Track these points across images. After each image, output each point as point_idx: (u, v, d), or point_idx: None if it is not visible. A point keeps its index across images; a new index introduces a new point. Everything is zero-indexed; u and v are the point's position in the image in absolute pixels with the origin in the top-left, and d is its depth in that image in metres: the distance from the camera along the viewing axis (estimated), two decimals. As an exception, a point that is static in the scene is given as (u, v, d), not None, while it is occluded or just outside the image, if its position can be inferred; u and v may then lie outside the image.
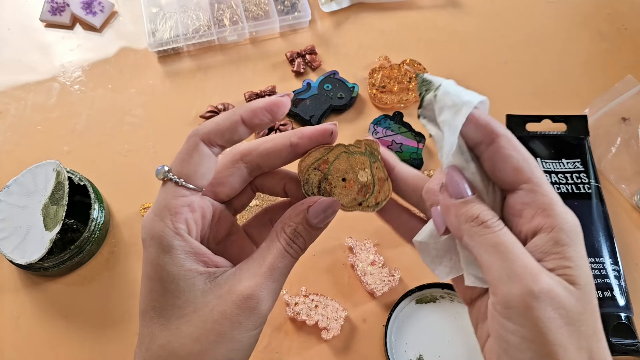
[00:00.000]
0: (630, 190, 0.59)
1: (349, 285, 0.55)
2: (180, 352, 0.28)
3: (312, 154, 0.32)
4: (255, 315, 0.29)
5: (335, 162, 0.32)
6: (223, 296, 0.28)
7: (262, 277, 0.29)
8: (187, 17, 0.71)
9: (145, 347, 0.29)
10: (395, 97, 0.66)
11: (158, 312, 0.29)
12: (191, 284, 0.29)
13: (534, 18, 0.74)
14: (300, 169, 0.32)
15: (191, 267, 0.29)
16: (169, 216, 0.29)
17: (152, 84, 0.69)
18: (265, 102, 0.30)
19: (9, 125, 0.66)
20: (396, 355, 0.50)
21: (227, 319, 0.28)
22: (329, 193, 0.32)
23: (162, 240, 0.28)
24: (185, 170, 0.29)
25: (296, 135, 0.31)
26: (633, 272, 0.54)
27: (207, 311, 0.28)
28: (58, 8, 0.73)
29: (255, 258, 0.30)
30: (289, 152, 0.32)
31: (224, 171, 0.32)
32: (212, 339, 0.28)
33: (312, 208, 0.30)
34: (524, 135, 0.62)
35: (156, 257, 0.28)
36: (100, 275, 0.56)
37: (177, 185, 0.29)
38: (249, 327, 0.29)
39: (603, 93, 0.65)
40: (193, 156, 0.29)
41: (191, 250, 0.29)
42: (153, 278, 0.29)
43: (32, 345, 0.53)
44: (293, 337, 0.52)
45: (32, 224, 0.53)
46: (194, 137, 0.29)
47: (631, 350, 0.48)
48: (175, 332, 0.28)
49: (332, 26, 0.73)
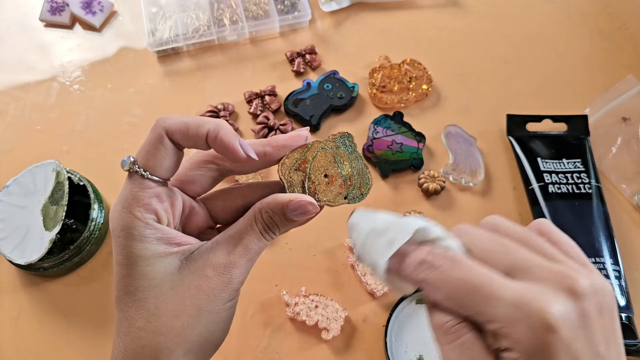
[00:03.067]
0: (630, 190, 0.59)
1: (349, 285, 0.55)
2: (161, 330, 0.29)
3: (291, 155, 0.32)
4: (229, 288, 0.30)
5: (315, 160, 0.33)
6: (198, 270, 0.29)
7: (236, 255, 0.30)
8: (187, 16, 0.71)
9: (124, 332, 0.29)
10: (395, 96, 0.66)
11: (133, 296, 0.29)
12: (167, 263, 0.29)
13: (535, 18, 0.73)
14: (281, 173, 0.32)
15: (165, 250, 0.29)
16: (137, 207, 0.29)
17: (151, 84, 0.69)
18: (229, 138, 0.29)
19: (8, 125, 0.66)
20: (396, 355, 0.50)
21: (204, 292, 0.29)
22: (313, 192, 0.32)
23: (132, 231, 0.29)
24: (150, 163, 0.29)
25: (270, 145, 0.32)
26: (633, 272, 0.54)
27: (184, 287, 0.29)
28: (57, 8, 0.73)
29: (231, 235, 0.31)
30: (264, 161, 0.32)
31: (194, 169, 0.33)
32: (191, 313, 0.29)
33: (291, 204, 0.30)
34: (525, 135, 0.62)
35: (127, 245, 0.29)
36: (99, 275, 0.56)
37: (143, 178, 0.29)
38: (224, 299, 0.30)
39: (604, 93, 0.65)
40: (159, 149, 0.29)
41: (162, 236, 0.30)
42: (126, 264, 0.29)
43: (31, 346, 0.53)
44: (293, 337, 0.52)
45: (31, 224, 0.53)
46: (159, 128, 0.29)
47: (632, 350, 0.48)
48: (154, 312, 0.29)
49: (332, 26, 0.73)
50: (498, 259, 0.26)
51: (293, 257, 0.56)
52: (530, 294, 0.23)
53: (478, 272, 0.25)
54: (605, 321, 0.24)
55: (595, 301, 0.24)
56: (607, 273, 0.52)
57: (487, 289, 0.24)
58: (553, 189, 0.57)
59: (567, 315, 0.23)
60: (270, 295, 0.54)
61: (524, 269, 0.25)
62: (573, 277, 0.24)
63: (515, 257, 0.26)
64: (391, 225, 0.28)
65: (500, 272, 0.25)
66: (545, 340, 0.22)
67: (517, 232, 0.27)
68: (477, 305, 0.24)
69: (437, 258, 0.26)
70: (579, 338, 0.23)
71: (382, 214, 0.30)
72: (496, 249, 0.26)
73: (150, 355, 0.29)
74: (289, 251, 0.57)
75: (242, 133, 0.65)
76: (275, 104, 0.66)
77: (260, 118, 0.64)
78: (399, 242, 0.27)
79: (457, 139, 0.62)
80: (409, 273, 0.27)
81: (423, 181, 0.59)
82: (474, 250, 0.27)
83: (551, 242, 0.27)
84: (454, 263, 0.26)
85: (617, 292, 0.51)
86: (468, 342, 0.25)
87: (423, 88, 0.66)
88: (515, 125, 0.62)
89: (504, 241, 0.27)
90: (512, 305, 0.23)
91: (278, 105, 0.66)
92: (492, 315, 0.24)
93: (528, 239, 0.27)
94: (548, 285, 0.24)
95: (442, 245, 0.27)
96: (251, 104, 0.66)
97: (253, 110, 0.65)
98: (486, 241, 0.27)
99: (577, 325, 0.23)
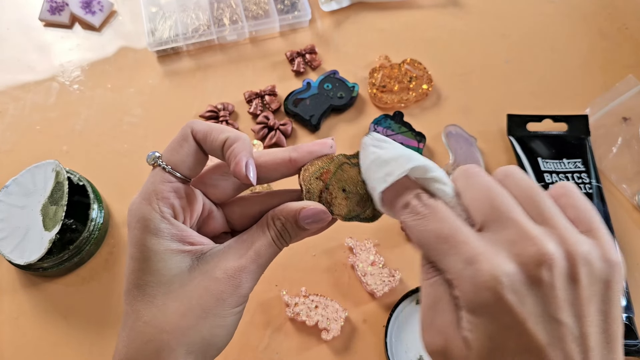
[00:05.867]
0: (631, 190, 0.59)
1: (349, 285, 0.55)
2: (165, 327, 0.29)
3: (315, 163, 0.32)
4: (238, 293, 0.30)
5: (337, 173, 0.33)
6: (208, 272, 0.29)
7: (247, 260, 0.30)
8: (187, 16, 0.71)
9: (130, 325, 0.29)
10: (395, 96, 0.65)
11: (142, 290, 0.29)
12: (178, 261, 0.29)
13: (535, 17, 0.73)
14: (302, 178, 0.32)
15: (178, 247, 0.30)
16: (156, 200, 0.29)
17: (151, 84, 0.69)
18: (240, 151, 0.29)
19: (8, 125, 0.66)
20: (396, 356, 0.50)
21: (212, 294, 0.29)
22: (329, 203, 0.32)
23: (148, 223, 0.29)
24: (173, 159, 0.30)
25: (296, 151, 0.32)
26: (634, 272, 0.54)
27: (193, 287, 0.29)
28: (57, 7, 0.73)
29: (244, 240, 0.31)
30: (288, 167, 0.32)
31: (217, 174, 0.33)
32: (197, 314, 0.29)
33: (304, 211, 0.31)
34: (525, 135, 0.62)
35: (142, 238, 0.29)
36: (99, 275, 0.56)
37: (164, 172, 0.30)
38: (231, 304, 0.30)
39: (604, 93, 0.65)
40: (183, 147, 0.30)
41: (177, 233, 0.30)
42: (139, 258, 0.29)
43: (31, 346, 0.53)
44: (293, 337, 0.52)
45: (31, 224, 0.53)
46: (187, 128, 0.30)
47: (632, 350, 0.48)
48: (161, 308, 0.29)
49: (332, 25, 0.73)
50: (479, 209, 0.26)
51: (293, 257, 0.56)
52: (484, 254, 0.24)
53: (449, 225, 0.26)
54: (585, 292, 0.24)
55: (568, 269, 0.24)
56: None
57: (450, 241, 0.25)
58: (553, 189, 0.57)
59: (512, 279, 0.23)
60: (270, 296, 0.54)
61: (501, 221, 0.25)
62: (539, 243, 0.24)
63: (496, 210, 0.26)
64: (394, 157, 0.29)
65: (477, 223, 0.26)
66: (486, 300, 0.23)
67: (524, 186, 0.27)
68: (438, 255, 0.26)
69: (419, 206, 0.27)
70: (525, 303, 0.23)
71: (392, 144, 0.30)
72: (484, 199, 0.26)
73: (152, 352, 0.29)
74: (289, 251, 0.56)
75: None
76: (275, 103, 0.65)
77: (260, 118, 0.64)
78: (394, 176, 0.28)
79: (457, 139, 0.62)
80: (396, 211, 0.29)
81: (423, 181, 0.59)
82: (462, 196, 0.28)
83: (562, 206, 0.26)
84: (432, 213, 0.27)
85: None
86: (436, 283, 0.26)
87: (423, 88, 0.66)
88: (515, 125, 0.62)
89: (496, 192, 0.26)
90: (463, 261, 0.24)
91: (278, 105, 0.66)
92: (447, 267, 0.25)
93: (532, 196, 0.26)
94: (508, 245, 0.24)
95: (435, 187, 0.28)
96: (251, 104, 0.66)
97: (253, 110, 0.65)
98: (478, 190, 0.27)
99: (524, 291, 0.23)
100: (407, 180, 0.29)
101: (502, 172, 0.28)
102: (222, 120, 0.64)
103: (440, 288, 0.26)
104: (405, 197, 0.28)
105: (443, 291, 0.26)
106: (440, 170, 0.28)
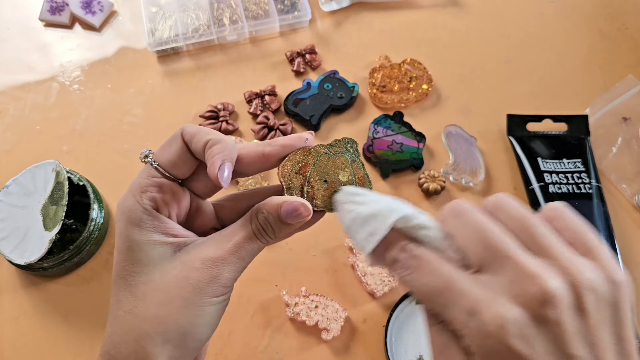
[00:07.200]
0: (631, 190, 0.59)
1: (349, 285, 0.55)
2: (145, 316, 0.29)
3: (293, 157, 0.32)
4: (216, 283, 0.30)
5: (316, 165, 0.32)
6: (188, 262, 0.30)
7: (226, 252, 0.30)
8: (187, 16, 0.71)
9: (113, 314, 0.30)
10: (395, 96, 0.65)
11: (125, 280, 0.30)
12: (160, 252, 0.30)
13: (535, 18, 0.73)
14: (282, 174, 0.32)
15: (160, 239, 0.30)
16: (140, 193, 0.31)
17: (151, 84, 0.69)
18: (217, 152, 0.30)
19: (8, 125, 0.66)
20: (396, 356, 0.50)
21: (190, 284, 0.29)
22: (312, 196, 0.32)
23: (131, 214, 0.30)
24: (161, 157, 0.32)
25: (270, 145, 0.32)
26: (634, 272, 0.54)
27: (172, 276, 0.30)
28: (57, 7, 0.73)
29: (226, 234, 0.31)
30: (263, 162, 0.32)
31: (199, 168, 0.34)
32: (177, 304, 0.29)
33: (284, 205, 0.31)
34: (525, 135, 0.62)
35: (125, 229, 0.30)
36: (99, 275, 0.56)
37: (151, 167, 0.31)
38: (209, 294, 0.30)
39: (604, 93, 0.65)
40: (172, 146, 0.32)
41: (159, 225, 0.31)
42: (122, 249, 0.30)
43: (31, 346, 0.53)
44: (293, 337, 0.52)
45: (31, 224, 0.53)
46: (179, 130, 0.32)
47: (632, 350, 0.48)
48: (141, 298, 0.30)
49: (332, 25, 0.73)
50: (474, 251, 0.26)
51: (293, 257, 0.56)
52: (484, 301, 0.23)
53: (442, 275, 0.25)
54: (594, 319, 0.23)
55: (574, 301, 0.23)
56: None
57: (446, 294, 0.24)
58: (553, 189, 0.57)
59: (518, 324, 0.23)
60: (270, 296, 0.54)
61: (498, 261, 0.24)
62: (540, 281, 0.23)
63: (491, 250, 0.25)
64: (373, 214, 0.28)
65: (473, 264, 0.25)
66: (496, 349, 0.23)
67: (516, 217, 0.26)
68: (439, 308, 0.25)
69: (407, 259, 0.26)
70: (535, 345, 0.23)
71: (367, 195, 0.30)
72: (477, 240, 0.26)
73: (132, 340, 0.29)
74: (289, 251, 0.57)
75: (242, 133, 0.65)
76: (275, 103, 0.66)
77: (260, 118, 0.64)
78: (378, 236, 0.27)
79: (457, 139, 0.62)
80: (388, 267, 0.28)
81: (423, 181, 0.59)
82: (455, 237, 0.27)
83: (557, 229, 0.26)
84: (422, 264, 0.26)
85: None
86: (442, 330, 0.26)
87: (423, 88, 0.66)
88: (515, 125, 0.62)
89: (488, 230, 0.25)
90: (465, 313, 0.24)
91: (278, 105, 0.66)
92: (451, 319, 0.24)
93: (526, 226, 0.26)
94: (509, 287, 0.24)
95: (421, 234, 0.27)
96: (251, 104, 0.66)
97: (253, 110, 0.65)
98: (470, 230, 0.26)
99: (532, 333, 0.23)
100: (391, 232, 0.27)
101: (492, 204, 0.27)
102: (222, 120, 0.64)
103: (447, 335, 0.25)
104: (392, 253, 0.27)
105: (450, 338, 0.25)
106: (422, 215, 0.27)
